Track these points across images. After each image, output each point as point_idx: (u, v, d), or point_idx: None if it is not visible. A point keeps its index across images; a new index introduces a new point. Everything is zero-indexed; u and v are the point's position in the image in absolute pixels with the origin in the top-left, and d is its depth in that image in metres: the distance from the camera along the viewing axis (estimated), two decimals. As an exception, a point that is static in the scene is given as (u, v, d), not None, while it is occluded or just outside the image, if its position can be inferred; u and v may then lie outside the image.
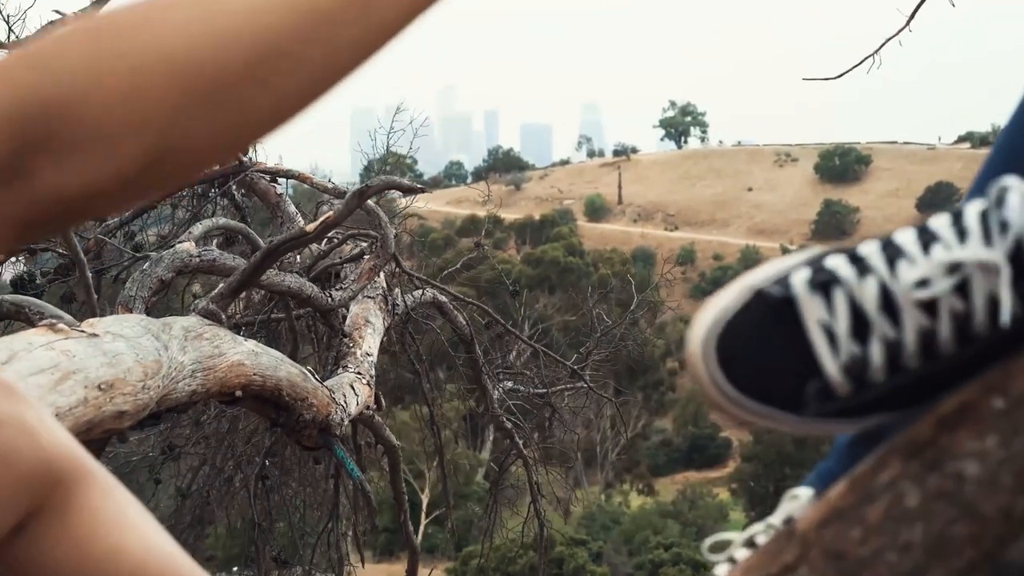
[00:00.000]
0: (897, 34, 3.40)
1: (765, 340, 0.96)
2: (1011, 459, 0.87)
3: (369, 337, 4.92)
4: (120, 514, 1.26)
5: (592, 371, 7.60)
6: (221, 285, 3.79)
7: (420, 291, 5.75)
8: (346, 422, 4.27)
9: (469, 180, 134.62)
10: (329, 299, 4.67)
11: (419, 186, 4.26)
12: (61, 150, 0.78)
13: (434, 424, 6.55)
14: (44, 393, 2.58)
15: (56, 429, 1.22)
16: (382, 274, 5.20)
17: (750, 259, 78.87)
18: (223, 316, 3.68)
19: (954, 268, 0.90)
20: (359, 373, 4.62)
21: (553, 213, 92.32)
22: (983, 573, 0.88)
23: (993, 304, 0.89)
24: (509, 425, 6.44)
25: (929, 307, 0.91)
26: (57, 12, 3.42)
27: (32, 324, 3.57)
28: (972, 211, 0.91)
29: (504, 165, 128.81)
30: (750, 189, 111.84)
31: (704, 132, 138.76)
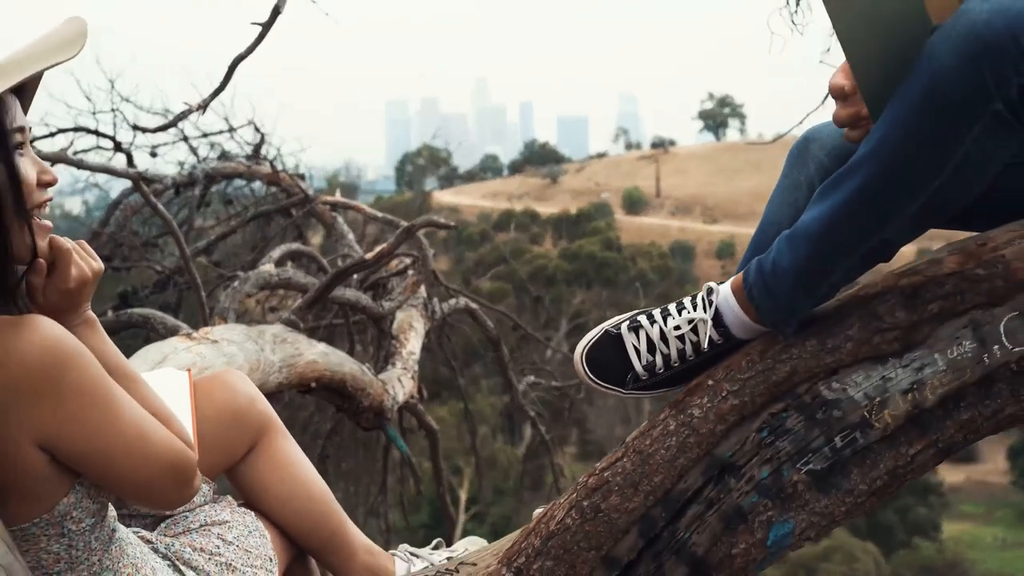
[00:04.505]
0: (819, 107, 4.38)
1: (609, 353, 2.04)
2: (714, 407, 1.94)
3: (413, 339, 5.97)
4: (294, 452, 2.35)
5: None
6: (299, 300, 4.86)
7: (454, 299, 6.80)
8: (395, 408, 5.32)
9: (505, 173, 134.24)
10: (380, 308, 5.76)
11: (453, 224, 5.30)
12: None
13: (468, 414, 7.61)
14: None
15: (262, 399, 2.30)
16: (423, 286, 6.26)
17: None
18: (301, 325, 4.75)
19: (691, 320, 1.98)
20: (405, 368, 5.66)
21: (590, 207, 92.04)
22: (705, 460, 1.94)
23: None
24: (532, 413, 7.51)
25: (681, 338, 1.99)
26: (185, 103, 4.46)
27: (156, 332, 4.67)
28: (700, 294, 1.99)
29: (540, 158, 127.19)
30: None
31: (743, 124, 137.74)
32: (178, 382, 2.31)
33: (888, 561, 33.35)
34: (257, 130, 7.05)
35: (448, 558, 2.48)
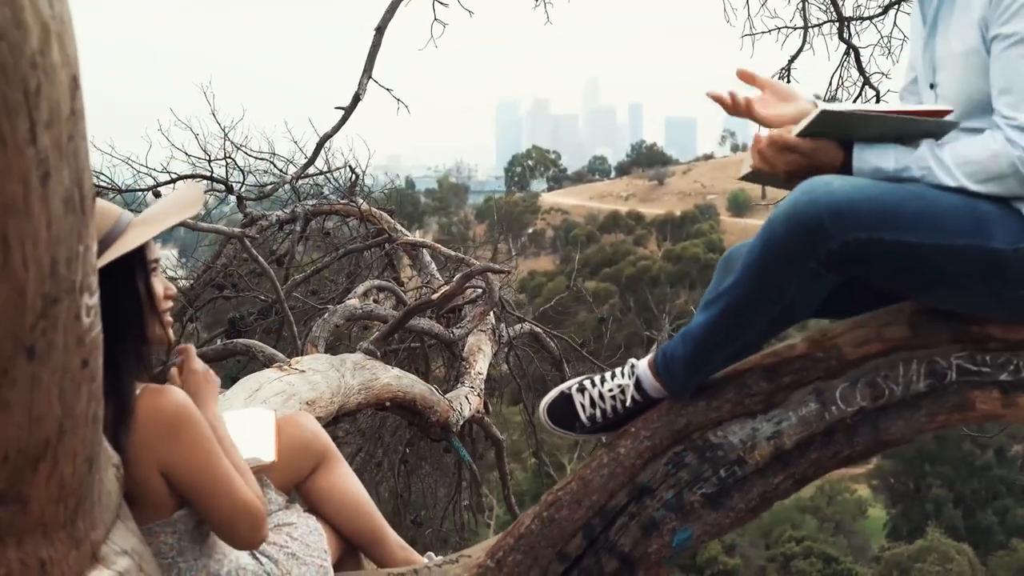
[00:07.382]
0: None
1: (563, 407, 2.84)
2: (635, 447, 2.72)
3: (481, 360, 6.78)
4: (346, 473, 3.18)
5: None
6: (377, 332, 5.70)
7: (520, 325, 7.60)
8: (461, 423, 6.13)
9: (613, 175, 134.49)
10: (451, 335, 6.59)
11: (507, 269, 6.12)
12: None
13: (532, 425, 8.44)
14: (279, 407, 4.50)
15: (324, 434, 3.13)
16: (492, 312, 7.07)
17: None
18: (378, 353, 5.59)
19: (620, 385, 2.77)
20: (472, 387, 6.47)
21: (694, 210, 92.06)
22: (629, 485, 2.72)
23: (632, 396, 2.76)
24: (592, 424, 8.27)
25: (613, 398, 2.78)
26: (281, 172, 5.35)
27: (257, 360, 5.55)
28: (627, 365, 2.77)
29: (647, 160, 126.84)
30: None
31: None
32: (266, 420, 3.17)
33: (985, 563, 33.17)
34: (352, 171, 7.95)
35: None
